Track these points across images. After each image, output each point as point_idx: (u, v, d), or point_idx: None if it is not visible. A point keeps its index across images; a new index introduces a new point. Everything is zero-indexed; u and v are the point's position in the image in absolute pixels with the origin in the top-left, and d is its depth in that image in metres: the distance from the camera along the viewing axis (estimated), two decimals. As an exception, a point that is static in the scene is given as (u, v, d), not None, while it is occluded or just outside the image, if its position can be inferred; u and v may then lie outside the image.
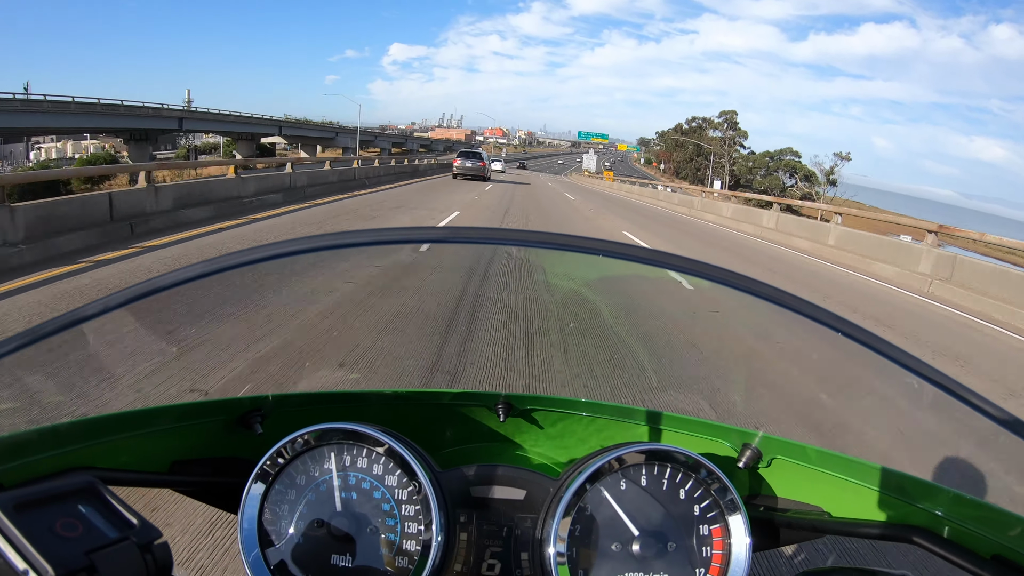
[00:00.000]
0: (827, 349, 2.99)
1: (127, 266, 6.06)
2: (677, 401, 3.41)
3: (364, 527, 0.69)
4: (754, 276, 0.63)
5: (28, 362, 0.65)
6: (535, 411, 0.96)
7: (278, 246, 0.67)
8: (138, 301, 0.65)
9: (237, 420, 0.85)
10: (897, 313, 7.39)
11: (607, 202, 25.14)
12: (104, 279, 5.49)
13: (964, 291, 8.86)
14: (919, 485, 0.76)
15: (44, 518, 0.53)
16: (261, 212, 10.76)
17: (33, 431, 0.66)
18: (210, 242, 7.56)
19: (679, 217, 20.39)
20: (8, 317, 4.24)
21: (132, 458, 0.77)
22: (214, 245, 7.33)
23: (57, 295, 4.87)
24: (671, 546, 0.68)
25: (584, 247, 0.71)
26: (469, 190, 20.72)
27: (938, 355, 5.42)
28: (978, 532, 0.69)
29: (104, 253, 6.64)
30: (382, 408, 0.95)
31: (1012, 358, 5.95)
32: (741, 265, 9.69)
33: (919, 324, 6.89)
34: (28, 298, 4.76)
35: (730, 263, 3.85)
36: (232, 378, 3.47)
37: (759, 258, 11.36)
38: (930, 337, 6.20)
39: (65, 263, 6.02)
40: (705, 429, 0.89)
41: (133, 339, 0.90)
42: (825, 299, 7.26)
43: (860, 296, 8.29)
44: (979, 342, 6.42)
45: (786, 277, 9.14)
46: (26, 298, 4.76)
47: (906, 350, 0.63)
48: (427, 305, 5.17)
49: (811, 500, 0.83)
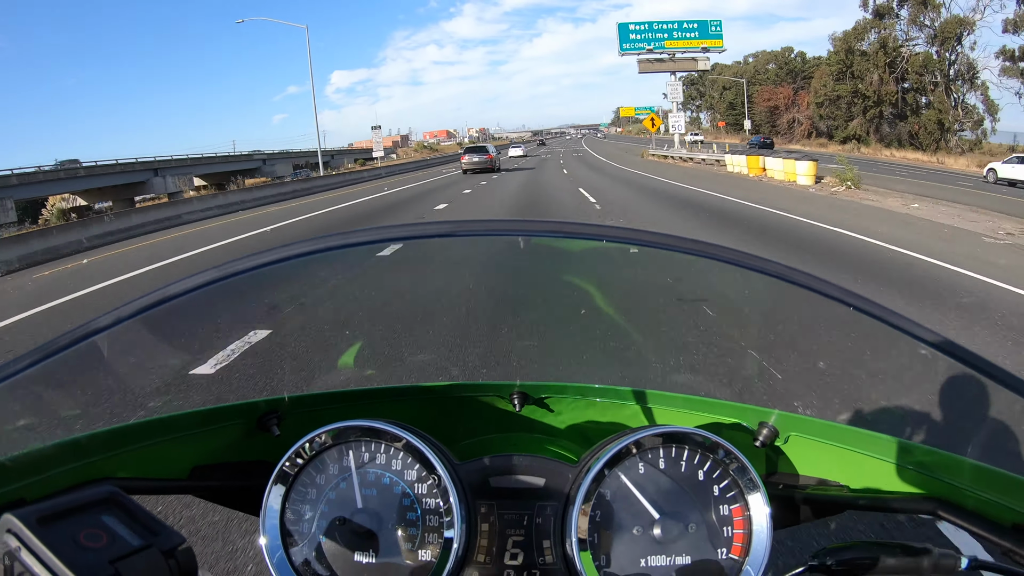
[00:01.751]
0: (840, 324, 2.96)
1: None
2: (692, 382, 3.40)
3: (386, 523, 0.70)
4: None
5: (44, 377, 0.66)
6: (550, 399, 0.96)
7: (284, 249, 0.67)
8: (150, 311, 0.66)
9: (255, 423, 0.86)
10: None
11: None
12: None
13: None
14: (937, 457, 0.75)
15: (68, 530, 0.54)
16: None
17: (53, 445, 0.66)
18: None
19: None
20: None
21: (152, 466, 0.77)
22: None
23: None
24: (692, 527, 0.68)
25: (590, 234, 0.70)
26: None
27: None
28: (999, 501, 0.69)
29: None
30: (397, 404, 0.96)
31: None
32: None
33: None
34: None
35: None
36: (246, 379, 3.50)
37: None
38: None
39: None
40: (721, 409, 0.89)
41: (147, 348, 0.91)
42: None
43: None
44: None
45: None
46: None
47: (916, 321, 0.62)
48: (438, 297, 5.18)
49: (830, 476, 0.83)
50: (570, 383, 0.97)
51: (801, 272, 0.67)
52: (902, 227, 10.18)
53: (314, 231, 10.01)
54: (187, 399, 3.45)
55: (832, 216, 11.24)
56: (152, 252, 10.53)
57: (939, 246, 8.33)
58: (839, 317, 0.73)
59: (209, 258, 9.26)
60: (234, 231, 12.70)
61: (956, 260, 7.32)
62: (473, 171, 29.70)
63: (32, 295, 7.70)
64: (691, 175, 23.10)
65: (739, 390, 3.32)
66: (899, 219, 11.27)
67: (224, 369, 3.87)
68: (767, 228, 10.23)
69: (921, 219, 11.31)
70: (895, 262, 7.39)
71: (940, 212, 12.24)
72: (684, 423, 0.83)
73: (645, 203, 14.73)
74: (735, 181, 20.09)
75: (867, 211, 12.19)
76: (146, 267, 8.81)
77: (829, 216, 11.24)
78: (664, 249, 0.69)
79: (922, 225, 10.45)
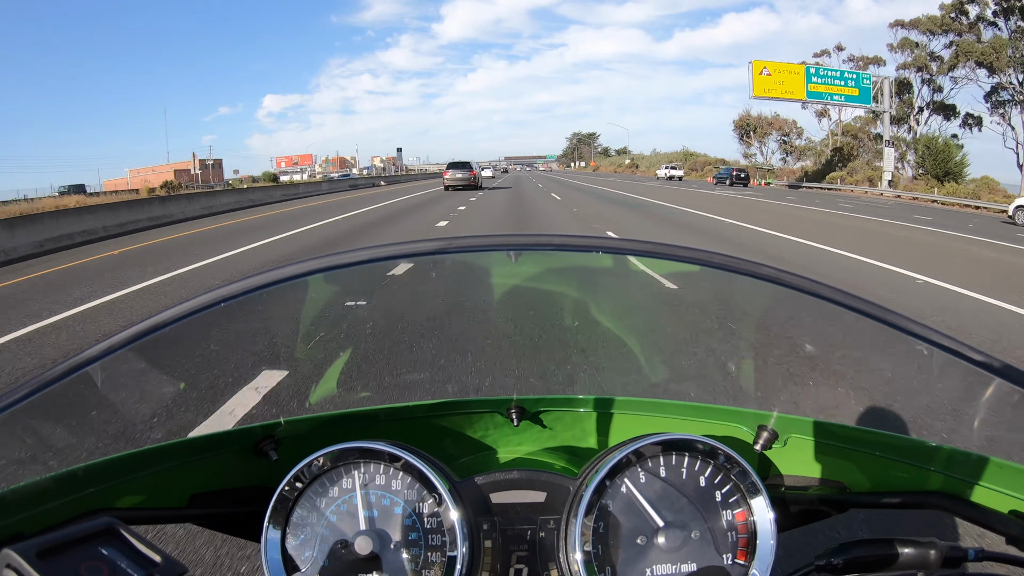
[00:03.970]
0: (830, 324, 2.97)
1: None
2: (689, 390, 3.40)
3: (388, 544, 0.69)
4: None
5: (39, 409, 0.65)
6: (547, 412, 0.96)
7: (270, 274, 0.67)
8: (141, 339, 0.65)
9: (252, 448, 0.85)
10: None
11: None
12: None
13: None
14: (935, 450, 0.76)
15: (68, 563, 0.53)
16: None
17: (49, 478, 0.66)
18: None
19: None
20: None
21: (151, 495, 0.77)
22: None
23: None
24: (696, 534, 0.68)
25: (582, 246, 0.71)
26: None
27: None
28: (996, 489, 0.69)
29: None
30: (395, 423, 0.95)
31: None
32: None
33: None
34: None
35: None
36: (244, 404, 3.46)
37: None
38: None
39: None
40: (719, 415, 0.89)
41: (140, 377, 0.91)
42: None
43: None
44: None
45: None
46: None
47: (908, 316, 0.63)
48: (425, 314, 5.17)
49: (831, 476, 0.83)
50: (567, 396, 0.97)
51: (793, 275, 0.68)
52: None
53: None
54: (184, 430, 3.41)
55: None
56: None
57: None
58: (834, 317, 0.73)
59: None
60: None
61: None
62: (455, 188, 28.38)
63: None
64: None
65: (736, 394, 3.32)
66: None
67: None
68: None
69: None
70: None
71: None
72: (684, 430, 0.83)
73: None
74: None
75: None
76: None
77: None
78: (658, 258, 0.70)
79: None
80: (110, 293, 7.01)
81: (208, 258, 9.55)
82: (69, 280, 8.08)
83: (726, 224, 13.89)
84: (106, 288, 7.30)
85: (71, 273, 8.78)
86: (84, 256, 10.66)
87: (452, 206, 19.66)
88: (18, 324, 5.63)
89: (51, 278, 8.43)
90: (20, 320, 5.79)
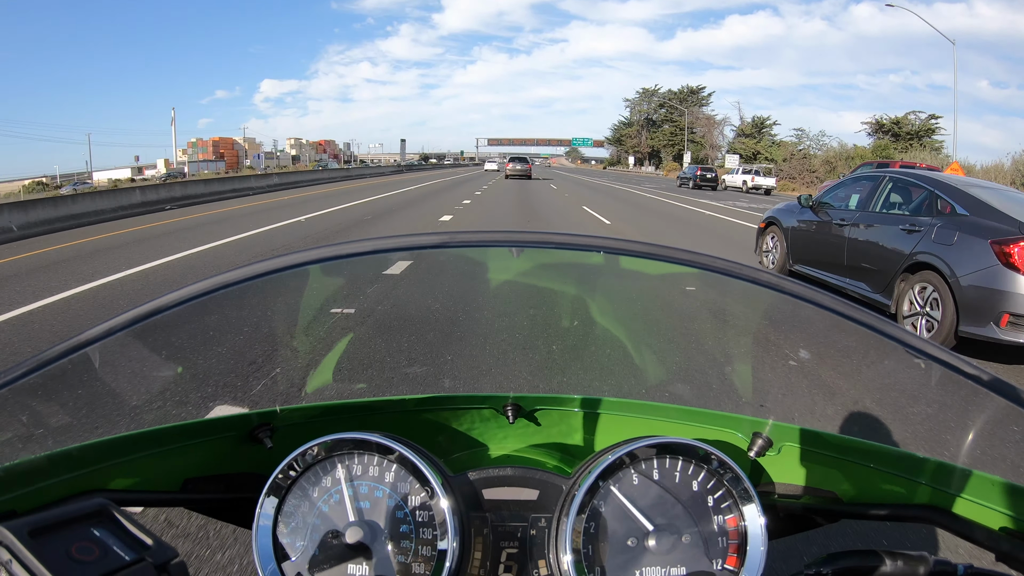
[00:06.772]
0: (832, 334, 2.97)
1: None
2: (684, 393, 3.41)
3: (379, 536, 0.69)
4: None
5: (36, 388, 0.65)
6: (543, 410, 0.96)
7: (273, 261, 0.67)
8: (142, 322, 0.66)
9: (247, 435, 0.86)
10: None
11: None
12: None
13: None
14: (929, 464, 0.76)
15: (60, 543, 0.53)
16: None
17: (44, 456, 0.66)
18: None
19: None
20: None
21: (144, 478, 0.77)
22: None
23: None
24: (686, 539, 0.68)
25: (585, 244, 0.71)
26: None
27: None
28: (987, 505, 0.69)
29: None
30: (390, 416, 0.96)
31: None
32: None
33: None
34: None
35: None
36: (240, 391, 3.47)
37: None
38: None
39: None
40: (715, 420, 0.89)
41: (139, 360, 0.90)
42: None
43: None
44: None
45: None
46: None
47: (907, 329, 0.63)
48: (429, 308, 5.17)
49: (823, 486, 0.83)
50: (564, 395, 0.97)
51: (794, 283, 0.68)
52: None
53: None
54: (180, 412, 3.42)
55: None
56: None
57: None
58: (833, 324, 0.74)
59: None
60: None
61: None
62: (514, 177, 37.07)
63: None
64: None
65: (733, 399, 3.32)
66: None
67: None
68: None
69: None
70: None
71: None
72: (678, 434, 0.83)
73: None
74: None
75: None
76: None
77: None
78: (659, 260, 0.70)
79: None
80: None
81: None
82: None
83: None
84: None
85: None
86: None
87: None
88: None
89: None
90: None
